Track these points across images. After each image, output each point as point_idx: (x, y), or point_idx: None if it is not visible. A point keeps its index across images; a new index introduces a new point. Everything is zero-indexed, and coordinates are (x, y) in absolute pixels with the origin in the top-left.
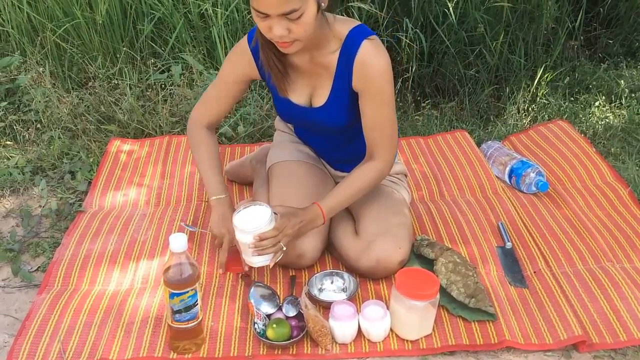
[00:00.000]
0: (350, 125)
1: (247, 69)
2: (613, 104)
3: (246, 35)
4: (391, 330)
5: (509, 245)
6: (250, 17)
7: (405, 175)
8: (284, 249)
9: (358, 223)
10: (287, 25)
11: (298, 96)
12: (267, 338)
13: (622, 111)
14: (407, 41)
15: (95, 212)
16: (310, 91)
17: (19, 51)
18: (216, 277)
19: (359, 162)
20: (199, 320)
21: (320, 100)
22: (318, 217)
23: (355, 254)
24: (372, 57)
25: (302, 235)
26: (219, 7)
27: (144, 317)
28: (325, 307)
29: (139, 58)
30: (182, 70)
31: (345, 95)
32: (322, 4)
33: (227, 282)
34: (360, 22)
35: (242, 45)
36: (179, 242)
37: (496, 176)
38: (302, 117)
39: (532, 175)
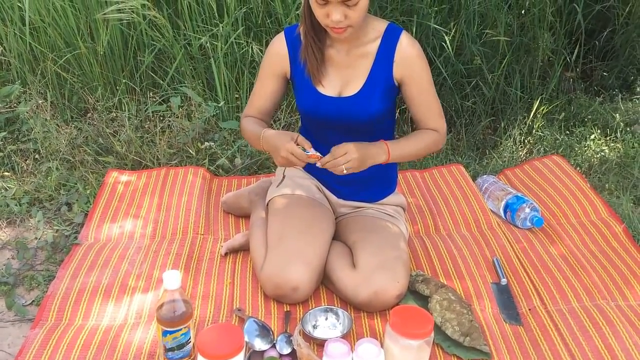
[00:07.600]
0: (375, 122)
1: (284, 64)
2: (608, 138)
3: (281, 33)
4: None
5: (504, 281)
6: (245, 50)
7: (404, 209)
8: (345, 172)
9: (356, 256)
10: (344, 11)
11: (328, 88)
12: None
13: (618, 145)
14: None
15: (91, 244)
16: (342, 83)
17: (19, 80)
18: (210, 311)
19: (369, 189)
20: (191, 358)
21: (351, 90)
22: (383, 152)
23: (352, 286)
24: (412, 45)
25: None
26: (219, 39)
27: (136, 354)
28: (319, 344)
29: (138, 89)
30: (181, 102)
31: (381, 83)
32: None
33: (221, 317)
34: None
35: (279, 42)
36: (172, 279)
37: (491, 211)
38: (328, 109)
39: (527, 210)
